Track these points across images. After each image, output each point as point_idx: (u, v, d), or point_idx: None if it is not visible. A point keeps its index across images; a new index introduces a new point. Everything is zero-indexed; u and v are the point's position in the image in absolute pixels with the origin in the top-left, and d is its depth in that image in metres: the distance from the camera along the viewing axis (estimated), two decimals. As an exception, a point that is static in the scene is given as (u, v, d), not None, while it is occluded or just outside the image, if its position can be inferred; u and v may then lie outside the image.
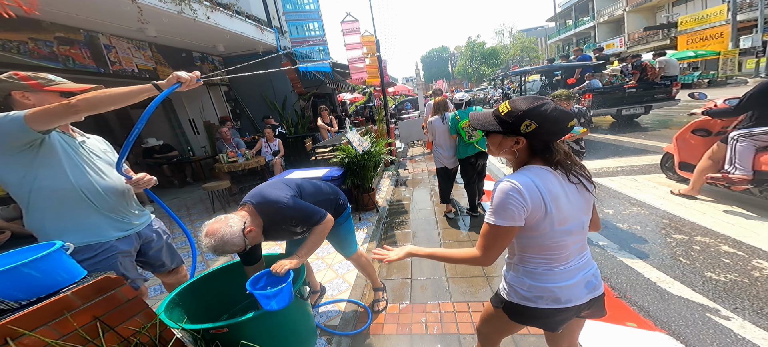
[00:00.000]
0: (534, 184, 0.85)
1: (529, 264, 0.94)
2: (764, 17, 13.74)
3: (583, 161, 4.77)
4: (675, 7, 20.09)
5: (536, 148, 0.91)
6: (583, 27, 26.92)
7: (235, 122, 7.31)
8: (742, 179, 2.83)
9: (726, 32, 14.51)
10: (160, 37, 4.77)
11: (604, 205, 3.51)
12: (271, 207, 1.48)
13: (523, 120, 0.85)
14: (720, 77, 14.71)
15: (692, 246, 2.50)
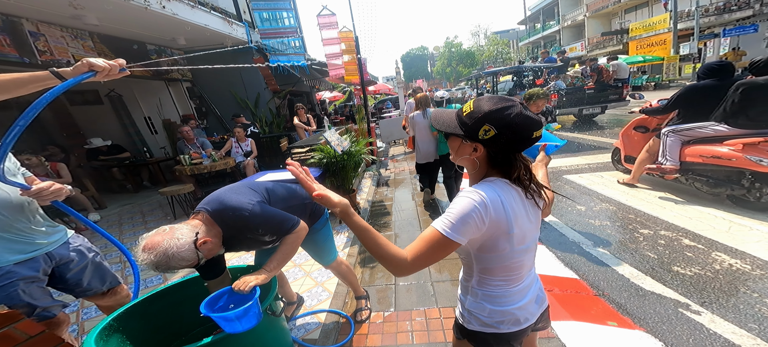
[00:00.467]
0: (501, 201, 0.75)
1: (488, 286, 0.85)
2: (699, 27, 15.39)
3: (555, 158, 4.76)
4: (627, 14, 21.91)
5: (495, 159, 0.80)
6: (549, 31, 28.56)
7: (200, 121, 6.75)
8: (672, 169, 3.25)
9: (668, 39, 16.05)
10: (104, 25, 4.20)
11: (577, 201, 3.66)
12: (232, 215, 1.30)
13: (482, 124, 0.74)
14: (664, 81, 16.29)
15: (657, 241, 2.65)
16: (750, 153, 2.70)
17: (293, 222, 1.45)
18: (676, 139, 3.23)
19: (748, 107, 2.74)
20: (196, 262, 1.19)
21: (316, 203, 1.85)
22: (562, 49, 15.75)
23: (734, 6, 15.25)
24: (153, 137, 6.38)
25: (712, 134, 3.04)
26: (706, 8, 16.10)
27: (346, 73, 5.27)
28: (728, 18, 15.50)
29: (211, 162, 4.35)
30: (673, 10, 15.16)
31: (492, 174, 0.81)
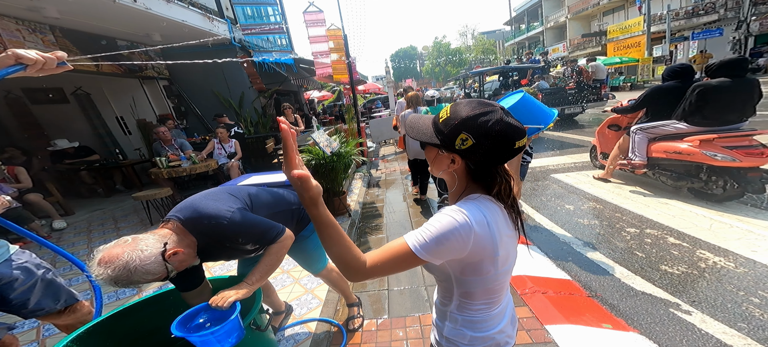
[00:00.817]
0: (487, 223, 0.67)
1: (468, 311, 0.78)
2: (671, 30, 16.20)
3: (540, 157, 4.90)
4: (605, 16, 22.78)
5: (475, 172, 0.72)
6: (534, 32, 29.31)
7: (179, 121, 6.40)
8: (640, 165, 3.52)
9: (643, 42, 16.81)
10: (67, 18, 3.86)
11: (565, 201, 3.71)
12: (208, 223, 1.19)
13: (459, 132, 0.65)
14: (639, 82, 17.04)
15: (644, 239, 2.70)
16: (706, 149, 2.93)
17: (278, 231, 1.35)
18: (643, 136, 3.48)
19: (703, 107, 2.98)
20: (164, 275, 1.08)
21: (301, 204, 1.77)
22: (545, 51, 16.22)
23: (702, 11, 16.15)
24: (126, 137, 5.98)
25: (673, 132, 3.28)
26: (677, 12, 16.97)
27: (334, 73, 5.13)
28: (696, 22, 16.40)
29: (190, 164, 4.11)
30: (646, 14, 15.87)
31: (473, 189, 0.73)
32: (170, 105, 6.26)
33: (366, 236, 3.48)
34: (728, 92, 2.87)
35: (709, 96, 2.92)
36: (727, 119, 2.98)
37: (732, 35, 14.56)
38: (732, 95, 2.87)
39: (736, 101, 2.90)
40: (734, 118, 2.97)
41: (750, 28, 14.05)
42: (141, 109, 6.00)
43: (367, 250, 2.79)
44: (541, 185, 4.33)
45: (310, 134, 3.42)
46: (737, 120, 2.99)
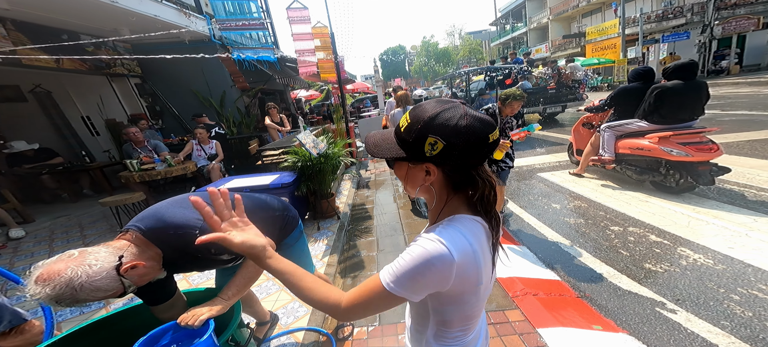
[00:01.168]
0: (472, 252, 0.59)
1: (446, 340, 0.73)
2: (643, 32, 16.99)
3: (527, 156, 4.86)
4: (584, 18, 23.60)
5: (455, 181, 0.63)
6: (518, 32, 29.97)
7: (153, 121, 6.03)
8: (609, 160, 3.78)
9: (618, 44, 17.54)
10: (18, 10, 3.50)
11: (551, 199, 3.76)
12: (175, 234, 1.08)
13: (425, 137, 0.57)
14: (616, 82, 17.78)
15: (628, 238, 2.76)
16: (663, 145, 3.21)
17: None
18: (611, 134, 3.75)
19: (661, 107, 3.28)
20: (120, 291, 0.98)
21: (290, 214, 1.67)
22: (528, 51, 16.67)
23: (671, 15, 17.03)
24: (94, 139, 5.55)
25: (636, 129, 3.57)
26: (649, 15, 17.81)
27: (321, 71, 4.97)
28: (666, 25, 17.29)
29: (165, 167, 3.85)
30: (621, 17, 16.56)
31: (456, 203, 0.65)
32: (143, 104, 5.88)
33: (356, 239, 3.39)
34: (681, 93, 3.16)
35: (665, 97, 3.22)
36: (680, 118, 3.27)
37: (698, 38, 15.44)
38: (684, 95, 3.17)
39: (688, 101, 3.19)
40: (687, 116, 3.27)
41: (713, 32, 14.94)
42: (110, 108, 5.59)
43: (355, 253, 2.70)
44: (528, 184, 4.39)
45: (296, 135, 3.29)
46: (689, 118, 3.28)
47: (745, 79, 12.27)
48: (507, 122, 2.77)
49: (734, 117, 6.35)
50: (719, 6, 14.85)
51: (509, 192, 4.13)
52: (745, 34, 15.74)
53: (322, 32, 4.67)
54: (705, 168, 3.09)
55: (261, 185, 3.16)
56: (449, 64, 39.20)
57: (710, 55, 15.67)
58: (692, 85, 3.15)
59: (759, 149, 4.27)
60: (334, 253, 3.03)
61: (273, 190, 3.17)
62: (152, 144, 4.23)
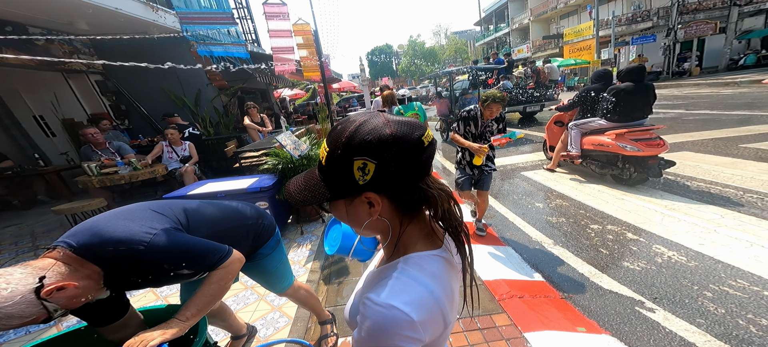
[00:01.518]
0: (434, 300, 0.49)
1: None
2: (615, 35, 17.82)
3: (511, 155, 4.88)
4: (562, 20, 24.44)
5: (405, 203, 0.53)
6: (501, 32, 30.60)
7: (118, 121, 5.60)
8: (576, 156, 4.07)
9: (593, 45, 18.29)
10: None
11: (534, 198, 3.81)
12: (115, 250, 0.96)
13: (350, 163, 0.48)
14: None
15: (606, 236, 2.83)
16: (619, 141, 3.51)
17: (221, 254, 1.13)
18: (577, 131, 4.05)
19: (616, 106, 3.62)
20: (44, 316, 0.86)
21: (264, 222, 1.55)
22: (509, 52, 17.12)
23: (639, 18, 17.97)
24: (49, 140, 5.06)
25: (597, 127, 3.88)
26: (620, 18, 18.70)
27: (304, 70, 4.77)
28: (635, 28, 18.23)
29: (130, 171, 3.56)
30: (595, 19, 17.28)
31: (411, 233, 0.55)
32: (106, 103, 5.43)
33: (338, 244, 3.28)
34: (633, 94, 3.52)
35: (619, 97, 3.57)
36: (633, 116, 3.60)
37: (663, 41, 16.39)
38: (636, 96, 3.52)
39: (639, 101, 3.53)
40: (638, 115, 3.60)
41: (677, 35, 15.91)
42: (67, 107, 5.11)
43: (340, 259, 2.57)
44: (511, 183, 4.44)
45: (276, 136, 3.12)
46: (641, 117, 3.61)
47: (706, 81, 13.15)
48: (487, 125, 2.71)
49: (698, 116, 6.75)
50: (682, 11, 15.81)
51: (493, 192, 4.16)
52: (705, 38, 16.89)
53: (304, 29, 4.48)
54: (654, 162, 3.40)
55: (237, 189, 2.98)
56: (436, 63, 39.59)
57: (674, 58, 16.68)
58: (642, 87, 3.49)
59: (721, 147, 4.54)
60: (317, 259, 2.91)
61: (251, 195, 3.00)
62: (115, 146, 3.89)
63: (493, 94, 2.56)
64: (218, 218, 1.33)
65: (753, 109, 6.76)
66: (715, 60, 16.64)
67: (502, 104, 2.58)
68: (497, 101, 2.54)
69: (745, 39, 16.32)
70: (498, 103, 2.55)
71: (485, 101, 2.58)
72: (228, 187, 3.03)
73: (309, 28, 4.44)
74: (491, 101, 2.54)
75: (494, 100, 2.54)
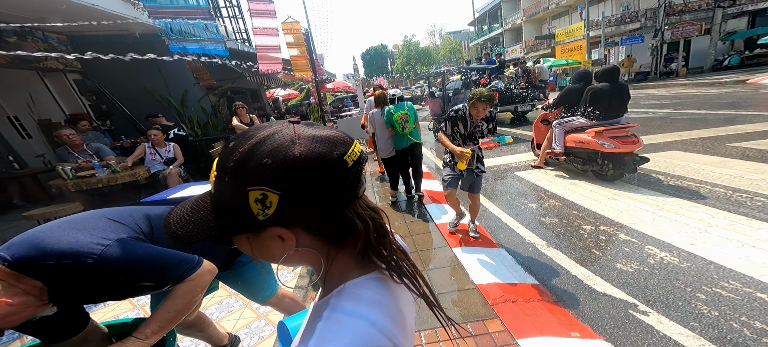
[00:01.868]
0: (380, 335, 0.38)
1: None
2: (605, 35, 18.08)
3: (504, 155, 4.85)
4: (553, 20, 24.70)
5: (326, 234, 0.44)
6: (494, 33, 30.73)
7: (99, 122, 5.39)
8: (560, 153, 4.20)
9: (583, 45, 18.53)
10: None
11: (527, 199, 3.78)
12: (57, 264, 0.85)
13: (244, 194, 0.37)
14: (580, 81, 18.80)
15: (599, 237, 2.81)
16: (597, 138, 3.65)
17: (188, 265, 1.03)
18: (560, 129, 4.18)
19: (594, 105, 3.80)
20: None
21: None
22: (501, 52, 17.23)
23: (628, 19, 18.27)
24: (24, 142, 4.82)
25: (578, 125, 4.02)
26: (610, 19, 18.98)
27: (295, 69, 4.65)
28: (624, 29, 18.53)
29: (108, 174, 3.40)
30: (585, 20, 17.49)
31: (343, 259, 0.46)
32: (86, 103, 5.22)
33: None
34: (609, 93, 3.70)
35: (597, 97, 3.75)
36: (609, 115, 3.76)
37: (651, 42, 16.69)
38: (611, 95, 3.69)
39: (615, 100, 3.71)
40: (614, 114, 3.76)
41: (664, 36, 16.22)
42: (43, 107, 4.89)
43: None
44: (504, 183, 4.41)
45: None
46: (617, 115, 3.77)
47: (692, 81, 13.43)
48: (477, 125, 2.59)
49: (686, 116, 6.85)
50: (668, 12, 16.12)
51: (487, 192, 4.12)
52: (691, 39, 17.26)
53: (294, 27, 4.36)
54: (629, 158, 3.57)
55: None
56: (430, 63, 39.63)
57: (661, 58, 17.01)
58: (617, 87, 3.69)
59: (709, 146, 4.60)
60: (304, 266, 2.82)
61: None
62: (93, 148, 3.71)
63: (480, 92, 2.43)
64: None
65: (738, 108, 6.89)
66: (700, 61, 17.02)
67: (489, 103, 2.42)
68: (483, 100, 2.41)
69: (730, 40, 16.74)
70: (484, 102, 2.40)
71: (471, 99, 2.45)
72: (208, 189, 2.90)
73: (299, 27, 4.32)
74: (477, 100, 2.40)
75: (480, 99, 2.41)
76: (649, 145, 4.98)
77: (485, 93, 2.41)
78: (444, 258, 2.76)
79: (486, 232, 3.12)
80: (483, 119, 2.59)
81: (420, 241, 3.10)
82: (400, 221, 3.60)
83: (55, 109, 4.95)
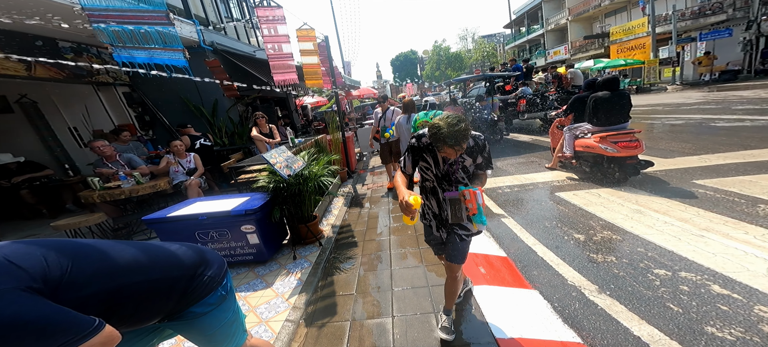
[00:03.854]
0: None
1: None
2: (677, 31, 15.60)
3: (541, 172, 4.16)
4: (607, 18, 22.24)
5: None
6: (534, 34, 28.78)
7: (142, 132, 5.87)
8: (569, 157, 4.38)
9: (648, 43, 16.21)
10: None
11: (572, 228, 3.08)
12: None
13: None
14: (645, 84, 16.40)
15: (679, 286, 2.07)
16: (601, 143, 3.79)
17: (79, 333, 0.78)
18: (570, 135, 4.35)
19: (597, 112, 3.93)
20: None
21: (205, 272, 1.19)
22: (525, 57, 16.12)
23: (708, 11, 15.54)
24: (81, 151, 5.43)
25: (585, 131, 4.16)
26: (683, 12, 16.38)
27: (306, 78, 4.55)
28: (703, 22, 15.79)
29: (132, 185, 3.54)
30: (650, 15, 15.30)
31: None
32: (132, 114, 5.72)
33: (335, 272, 2.87)
34: (609, 101, 3.83)
35: (598, 105, 3.89)
36: (612, 121, 3.88)
37: (742, 36, 13.92)
38: (612, 103, 3.83)
39: (615, 107, 3.83)
40: (616, 120, 3.88)
41: (761, 28, 13.41)
42: (96, 118, 5.46)
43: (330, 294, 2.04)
44: (542, 206, 3.70)
45: (263, 154, 2.83)
46: (619, 121, 3.89)
47: (803, 79, 10.78)
48: (456, 162, 1.57)
49: (800, 123, 5.33)
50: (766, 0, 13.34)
51: (517, 215, 3.48)
52: (798, 30, 14.03)
53: (310, 35, 4.26)
54: (632, 162, 3.69)
55: (221, 212, 2.71)
56: (461, 68, 38.33)
57: (757, 54, 14.08)
58: (617, 95, 3.81)
59: None
60: (304, 292, 2.54)
61: (236, 218, 2.72)
62: (125, 158, 3.94)
63: (437, 127, 1.37)
64: (127, 268, 0.99)
65: None
66: (812, 55, 13.71)
67: (455, 144, 1.35)
68: (449, 142, 1.34)
69: None
70: (451, 145, 1.35)
71: (434, 138, 1.41)
72: (212, 209, 2.78)
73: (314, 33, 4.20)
74: (439, 141, 1.38)
75: (444, 140, 1.35)
76: (752, 163, 3.90)
77: (444, 129, 1.34)
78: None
79: (515, 268, 2.54)
80: (468, 150, 1.56)
81: (433, 273, 2.63)
82: (414, 247, 3.16)
83: (106, 120, 5.50)
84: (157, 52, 2.88)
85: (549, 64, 23.14)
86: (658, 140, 5.78)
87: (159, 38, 2.86)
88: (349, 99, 13.68)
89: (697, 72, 15.54)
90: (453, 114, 1.42)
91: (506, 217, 3.50)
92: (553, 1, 25.92)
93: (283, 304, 2.44)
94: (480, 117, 7.63)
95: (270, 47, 4.07)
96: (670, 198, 3.33)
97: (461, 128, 1.34)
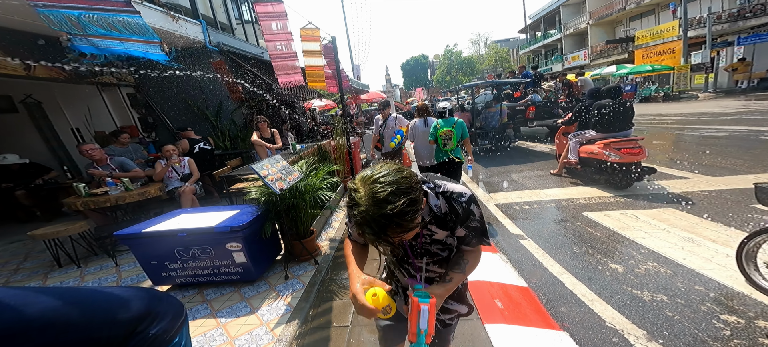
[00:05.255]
0: None
1: None
2: (712, 35, 14.56)
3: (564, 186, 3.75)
4: (632, 22, 21.20)
5: None
6: (551, 39, 27.89)
7: (145, 134, 5.76)
8: (574, 163, 4.45)
9: (678, 48, 15.21)
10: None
11: (609, 256, 2.60)
12: None
13: None
14: (675, 91, 15.37)
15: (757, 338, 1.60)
16: (604, 150, 3.87)
17: None
18: (575, 142, 4.43)
19: (600, 120, 4.07)
20: None
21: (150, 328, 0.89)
22: (534, 64, 15.67)
23: (749, 13, 14.42)
24: (82, 152, 5.38)
25: (589, 138, 4.27)
26: (719, 15, 15.30)
27: (309, 79, 4.28)
28: (743, 25, 14.67)
29: (120, 191, 3.32)
30: (682, 18, 14.36)
31: None
32: (135, 115, 5.64)
33: (331, 297, 2.52)
34: (611, 110, 3.98)
35: (598, 112, 4.05)
36: (615, 128, 4.02)
37: (786, 39, 12.81)
38: (614, 111, 3.97)
39: (617, 115, 3.98)
40: (619, 127, 4.01)
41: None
42: (100, 119, 5.39)
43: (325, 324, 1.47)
44: (567, 229, 3.20)
45: (252, 165, 2.53)
46: (621, 129, 4.02)
47: None
48: (417, 237, 1.00)
49: None
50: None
51: (540, 235, 3.04)
52: None
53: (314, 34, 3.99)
54: (634, 167, 3.77)
55: (202, 228, 2.42)
56: (473, 73, 37.58)
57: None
58: (618, 103, 3.97)
59: None
60: (294, 319, 2.21)
61: (220, 235, 2.41)
62: (117, 162, 3.75)
63: (354, 201, 0.74)
64: (27, 327, 0.68)
65: None
66: None
67: (379, 236, 0.74)
68: (367, 231, 0.74)
69: None
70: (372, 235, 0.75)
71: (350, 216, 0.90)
72: (194, 224, 2.49)
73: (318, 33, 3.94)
74: (357, 226, 0.76)
75: (359, 224, 0.74)
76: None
77: (362, 205, 0.72)
78: (468, 339, 1.86)
79: (539, 301, 2.11)
80: (437, 220, 0.94)
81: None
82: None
83: (109, 121, 5.43)
84: (132, 43, 2.63)
85: (566, 69, 22.31)
86: (698, 154, 5.14)
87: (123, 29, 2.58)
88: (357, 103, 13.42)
89: (732, 79, 14.41)
90: (385, 171, 0.75)
91: (525, 239, 3.05)
92: (573, 5, 25.04)
93: (266, 335, 2.10)
94: (488, 124, 7.65)
95: (272, 46, 3.81)
96: (728, 226, 2.80)
97: (390, 205, 0.69)
